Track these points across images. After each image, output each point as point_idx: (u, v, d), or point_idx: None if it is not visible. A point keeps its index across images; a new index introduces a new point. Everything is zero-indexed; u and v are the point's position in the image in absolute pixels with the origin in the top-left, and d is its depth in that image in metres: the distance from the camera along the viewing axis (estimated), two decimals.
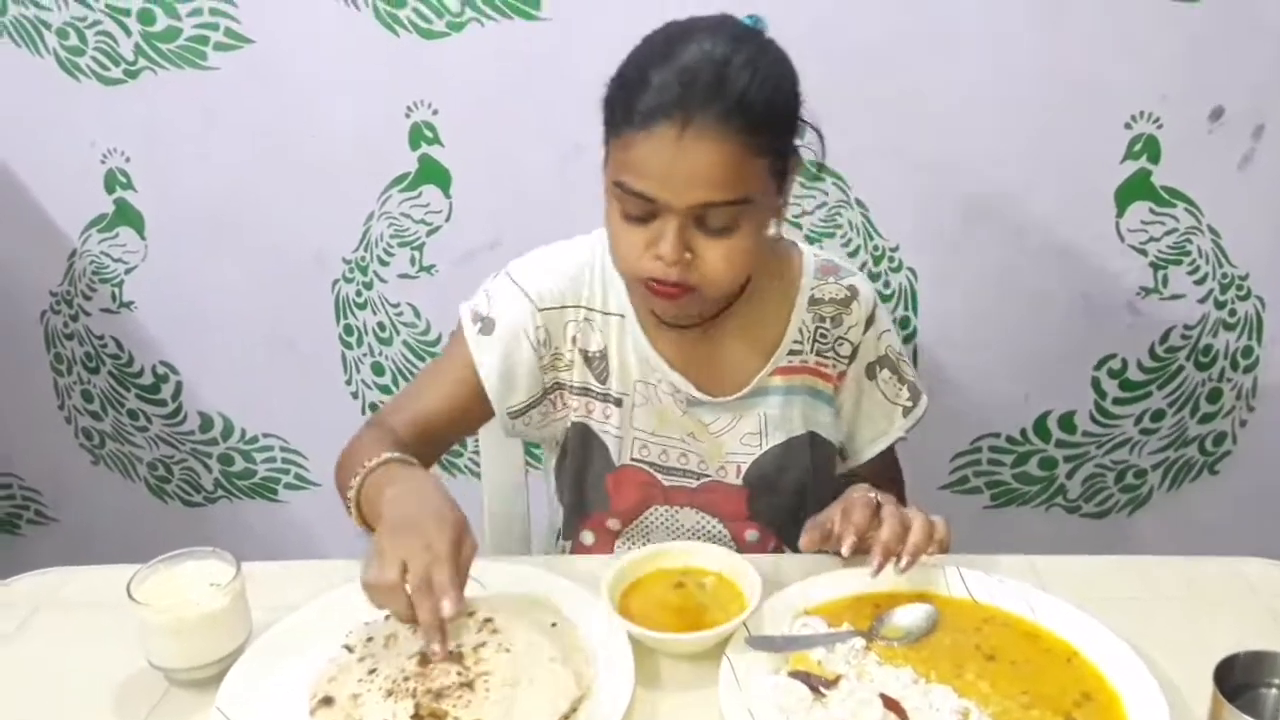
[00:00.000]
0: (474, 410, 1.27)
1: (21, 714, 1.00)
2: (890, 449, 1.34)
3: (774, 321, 1.25)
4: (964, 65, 1.66)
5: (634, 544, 1.31)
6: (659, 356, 1.24)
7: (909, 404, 1.31)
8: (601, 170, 1.13)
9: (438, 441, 1.28)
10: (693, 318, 1.22)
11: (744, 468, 1.26)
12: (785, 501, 1.28)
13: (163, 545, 1.05)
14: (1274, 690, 0.82)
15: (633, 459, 1.27)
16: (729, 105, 1.02)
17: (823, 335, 1.26)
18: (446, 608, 0.92)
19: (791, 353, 1.25)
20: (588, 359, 1.25)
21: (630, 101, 1.04)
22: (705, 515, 1.29)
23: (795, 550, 1.27)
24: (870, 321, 1.28)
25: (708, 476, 1.27)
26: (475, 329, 1.25)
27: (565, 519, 1.35)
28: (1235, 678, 0.80)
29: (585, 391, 1.26)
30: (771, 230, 1.16)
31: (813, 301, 1.26)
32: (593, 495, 1.30)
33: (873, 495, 1.11)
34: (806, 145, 1.15)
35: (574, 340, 1.25)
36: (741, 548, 1.28)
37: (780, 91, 1.08)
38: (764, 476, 1.26)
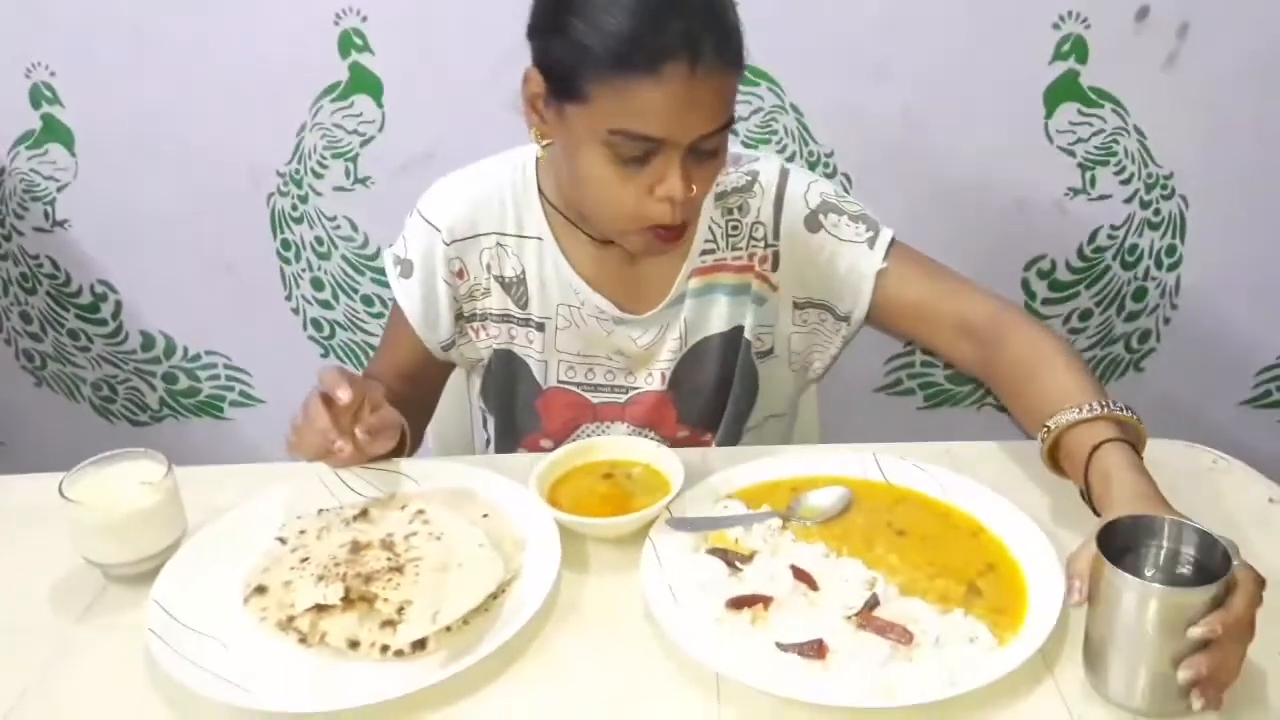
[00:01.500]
0: (430, 351, 1.31)
1: None
2: (903, 280, 1.23)
3: None
4: None
5: None
6: (580, 279, 1.23)
7: (870, 235, 1.23)
8: (532, 111, 1.09)
9: (424, 382, 1.32)
10: None
11: (667, 373, 1.28)
12: (708, 399, 1.30)
13: None
14: (1153, 550, 0.87)
15: (559, 381, 1.29)
16: (723, 30, 1.00)
17: (734, 226, 1.25)
18: (341, 397, 1.06)
19: (705, 252, 1.25)
20: (505, 285, 1.25)
21: (619, 44, 0.97)
22: (635, 427, 1.31)
23: (718, 441, 1.33)
24: (780, 193, 1.23)
25: (635, 389, 1.29)
26: (396, 272, 1.27)
27: (498, 441, 1.37)
28: (1118, 541, 0.84)
29: (505, 318, 1.27)
30: None
31: (718, 197, 1.24)
32: (523, 418, 1.32)
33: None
34: None
35: (488, 268, 1.25)
36: (670, 445, 1.31)
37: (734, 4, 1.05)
38: (686, 378, 1.29)
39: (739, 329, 1.28)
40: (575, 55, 1.00)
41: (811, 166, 1.80)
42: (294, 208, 1.89)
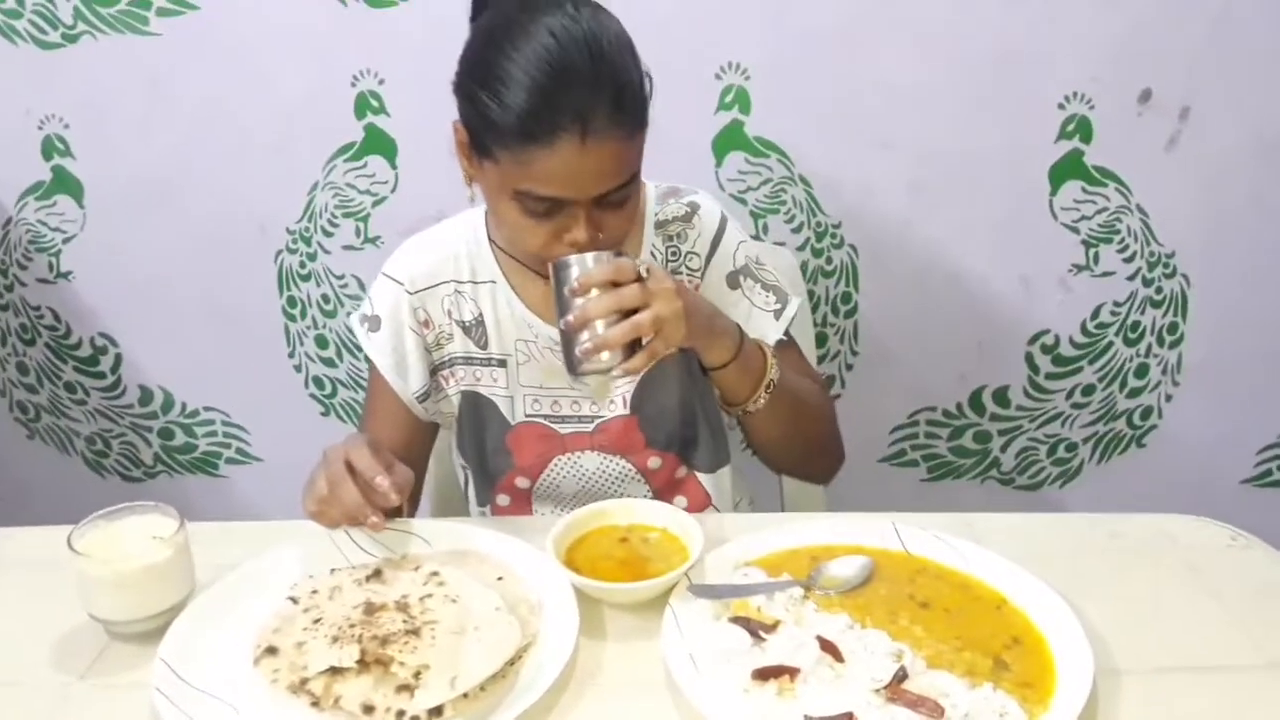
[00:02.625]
0: (413, 415, 1.34)
1: None
2: (785, 356, 1.31)
3: (628, 252, 1.25)
4: (905, 47, 1.70)
5: (546, 496, 1.35)
6: (532, 314, 1.29)
7: (778, 307, 1.32)
8: (462, 157, 1.16)
9: (409, 454, 1.30)
10: None
11: (628, 397, 1.31)
12: (673, 421, 1.32)
13: None
14: None
15: (527, 415, 1.32)
16: (615, 99, 1.07)
17: (673, 253, 1.31)
18: (381, 482, 1.06)
19: None
20: (465, 328, 1.31)
21: (516, 115, 1.05)
22: (606, 455, 1.33)
23: (700, 470, 1.35)
24: (719, 236, 1.31)
25: (601, 417, 1.31)
26: (364, 329, 1.32)
27: (476, 487, 1.39)
28: None
29: (469, 360, 1.32)
30: None
31: (658, 225, 1.30)
32: (495, 458, 1.34)
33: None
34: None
35: (449, 314, 1.30)
36: (649, 478, 1.33)
37: (635, 58, 1.12)
38: (648, 400, 1.31)
39: (688, 351, 1.29)
40: (482, 123, 1.09)
41: (819, 237, 1.82)
42: (302, 265, 1.89)
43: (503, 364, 1.31)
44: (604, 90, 1.06)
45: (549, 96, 1.04)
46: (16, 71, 1.78)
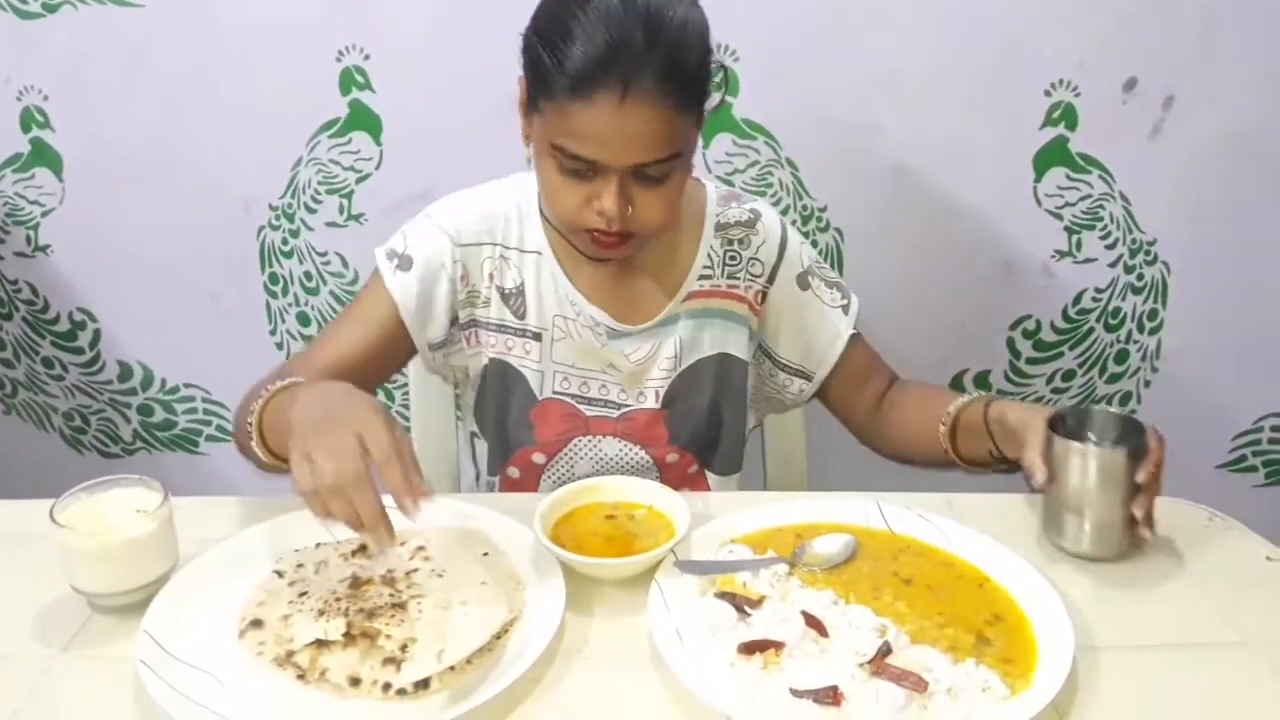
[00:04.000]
0: (389, 351, 1.29)
1: None
2: (859, 348, 1.38)
3: (685, 250, 1.30)
4: (894, 31, 1.70)
5: (559, 476, 1.34)
6: (577, 291, 1.28)
7: (844, 303, 1.36)
8: (521, 114, 1.17)
9: (362, 377, 1.26)
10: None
11: (661, 391, 1.30)
12: (700, 421, 1.33)
13: None
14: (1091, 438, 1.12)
15: (555, 392, 1.31)
16: (664, 70, 1.06)
17: (732, 258, 1.32)
18: (410, 507, 0.89)
19: (702, 277, 1.31)
20: (505, 295, 1.29)
21: (564, 68, 1.06)
22: (627, 443, 1.32)
23: (713, 471, 1.36)
24: (784, 241, 1.34)
25: (628, 405, 1.31)
26: (392, 265, 1.27)
27: (490, 456, 1.37)
28: (1065, 430, 1.09)
29: (502, 328, 1.30)
30: None
31: (719, 228, 1.31)
32: (516, 430, 1.33)
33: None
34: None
35: (490, 277, 1.28)
36: (663, 471, 1.33)
37: (702, 44, 1.11)
38: (680, 397, 1.31)
39: (726, 355, 1.33)
40: (535, 73, 1.10)
41: (805, 220, 1.83)
42: (284, 242, 1.87)
43: (537, 337, 1.29)
44: (655, 58, 1.05)
45: (597, 53, 1.05)
46: None
